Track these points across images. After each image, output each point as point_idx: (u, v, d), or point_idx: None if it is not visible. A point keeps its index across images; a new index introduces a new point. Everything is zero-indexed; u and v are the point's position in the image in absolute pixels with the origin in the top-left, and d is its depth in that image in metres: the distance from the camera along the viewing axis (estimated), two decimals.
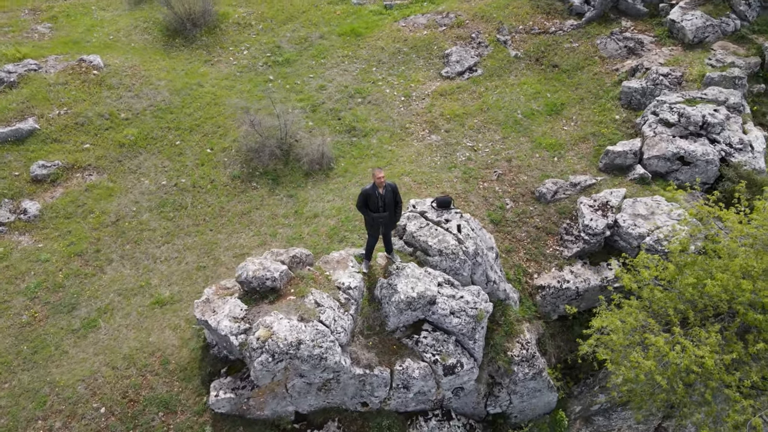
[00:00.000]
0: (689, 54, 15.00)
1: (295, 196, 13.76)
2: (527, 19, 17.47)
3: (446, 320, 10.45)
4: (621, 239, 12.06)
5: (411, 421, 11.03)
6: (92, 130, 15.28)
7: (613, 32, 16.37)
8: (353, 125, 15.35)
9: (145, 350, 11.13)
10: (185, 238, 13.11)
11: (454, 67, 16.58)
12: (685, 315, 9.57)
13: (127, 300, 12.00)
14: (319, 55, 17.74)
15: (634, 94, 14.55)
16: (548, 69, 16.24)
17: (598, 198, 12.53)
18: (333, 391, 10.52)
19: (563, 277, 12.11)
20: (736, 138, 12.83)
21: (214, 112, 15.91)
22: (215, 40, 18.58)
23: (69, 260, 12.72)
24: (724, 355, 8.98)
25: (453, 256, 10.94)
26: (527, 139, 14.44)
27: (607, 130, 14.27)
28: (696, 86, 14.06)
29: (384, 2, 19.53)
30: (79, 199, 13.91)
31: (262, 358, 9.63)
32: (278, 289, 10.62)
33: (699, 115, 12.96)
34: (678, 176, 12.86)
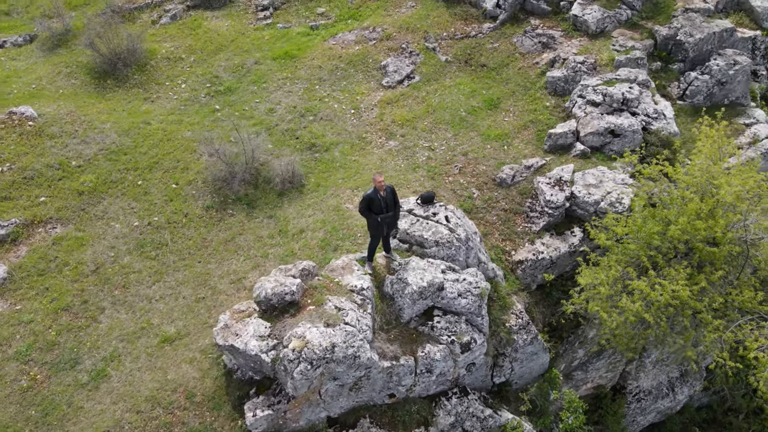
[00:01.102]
0: (596, 43, 17.21)
1: (274, 217, 14.17)
2: (449, 26, 19.02)
3: (455, 302, 11.44)
4: (579, 208, 13.72)
5: (435, 402, 11.88)
6: (44, 183, 14.71)
7: (527, 30, 18.32)
8: (312, 142, 15.98)
9: (166, 388, 11.12)
10: (175, 273, 13.09)
11: (393, 76, 17.72)
12: (655, 260, 11.26)
13: (132, 344, 11.85)
14: (259, 80, 18.16)
15: (558, 82, 16.46)
16: (478, 69, 17.84)
17: (552, 176, 14.15)
18: (363, 388, 11.14)
19: (537, 250, 13.54)
20: (651, 109, 15.01)
21: (169, 147, 15.86)
22: (149, 77, 18.39)
23: (56, 316, 12.29)
24: (693, 287, 10.72)
25: (448, 245, 11.98)
26: (476, 134, 15.86)
27: (542, 116, 16.02)
28: (609, 69, 16.21)
29: (309, 24, 20.29)
30: (48, 253, 13.40)
31: (301, 367, 10.08)
32: (297, 302, 11.09)
33: (619, 93, 15.02)
34: (611, 147, 14.80)
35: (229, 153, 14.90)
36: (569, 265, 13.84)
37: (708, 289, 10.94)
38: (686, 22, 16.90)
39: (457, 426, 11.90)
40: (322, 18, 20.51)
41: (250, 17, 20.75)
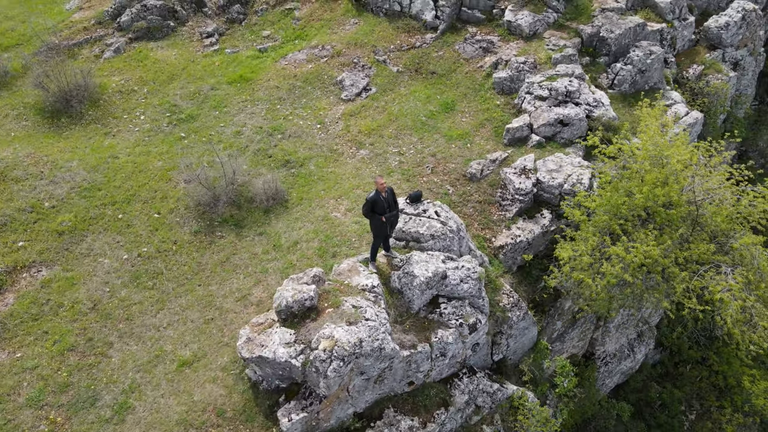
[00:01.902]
0: (531, 44, 18.91)
1: (265, 233, 14.56)
2: (394, 39, 20.15)
3: (458, 288, 12.41)
4: (545, 192, 15.14)
5: (449, 384, 12.76)
6: (19, 227, 14.30)
7: (467, 38, 19.79)
8: (286, 159, 16.51)
9: (195, 409, 11.30)
10: (177, 299, 13.20)
11: (350, 90, 18.57)
12: (624, 227, 12.78)
13: (150, 373, 11.89)
14: (219, 105, 18.43)
15: (504, 82, 17.96)
16: (428, 76, 19.06)
17: (517, 166, 15.51)
18: (385, 380, 11.83)
19: (514, 234, 14.80)
20: (590, 98, 16.79)
21: (143, 178, 15.84)
22: (104, 112, 18.16)
23: (62, 358, 12.09)
24: (660, 246, 12.30)
25: (443, 237, 12.96)
26: (439, 135, 17.00)
27: (495, 114, 17.43)
28: (548, 67, 17.91)
29: (257, 47, 20.76)
30: (38, 297, 13.10)
31: (333, 365, 10.66)
32: (315, 307, 11.64)
33: (562, 86, 16.70)
34: (562, 135, 16.40)
35: (209, 177, 15.14)
36: (543, 245, 15.22)
37: (671, 247, 12.56)
38: (605, 21, 18.99)
39: (470, 403, 12.85)
40: (269, 40, 21.06)
41: (196, 45, 20.92)
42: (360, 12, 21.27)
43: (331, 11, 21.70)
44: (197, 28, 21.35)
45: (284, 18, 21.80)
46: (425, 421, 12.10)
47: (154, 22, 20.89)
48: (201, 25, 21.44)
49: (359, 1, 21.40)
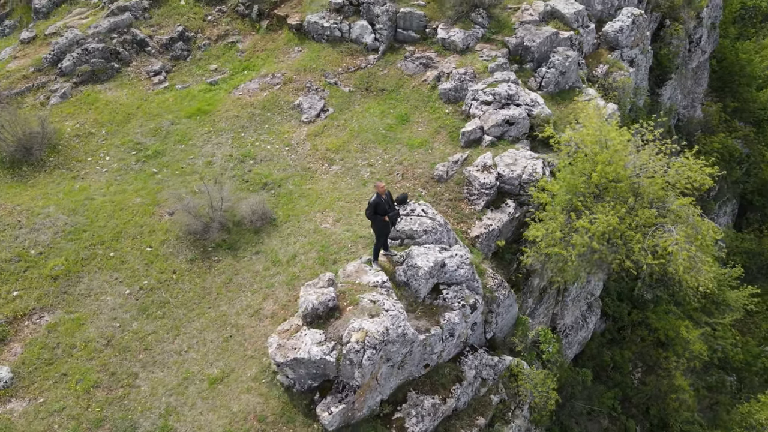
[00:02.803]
0: (467, 57, 20.97)
1: (261, 252, 15.28)
2: (340, 62, 21.51)
3: (456, 274, 13.84)
4: (506, 184, 17.01)
5: (458, 362, 14.09)
6: (10, 278, 14.10)
7: (406, 56, 21.55)
8: (263, 181, 17.29)
9: (237, 419, 11.87)
10: (191, 324, 13.62)
11: (309, 112, 19.67)
12: (585, 203, 14.84)
13: (183, 395, 12.29)
14: (183, 138, 18.85)
15: (449, 92, 19.83)
16: (378, 93, 20.56)
17: (478, 164, 17.30)
18: (406, 365, 12.97)
19: (486, 224, 16.49)
20: (528, 99, 19.01)
21: (125, 216, 16.02)
22: (66, 157, 18.02)
23: (89, 395, 12.20)
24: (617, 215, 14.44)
25: (434, 231, 14.38)
26: (401, 145, 18.49)
27: (447, 121, 19.20)
28: (486, 75, 19.99)
29: (207, 80, 21.34)
30: (48, 342, 13.06)
31: (368, 354, 11.70)
32: (337, 306, 12.62)
33: (503, 91, 18.80)
34: (510, 134, 18.44)
35: (196, 205, 15.64)
36: (510, 231, 17.05)
37: (624, 215, 14.75)
38: (525, 32, 21.47)
39: (477, 377, 14.25)
40: (217, 73, 21.72)
41: (145, 84, 21.15)
42: (302, 40, 22.49)
43: (273, 42, 22.74)
44: (143, 68, 21.59)
45: (228, 51, 22.55)
46: (444, 397, 13.34)
47: (97, 64, 20.92)
48: (146, 64, 21.70)
49: (300, 31, 22.62)
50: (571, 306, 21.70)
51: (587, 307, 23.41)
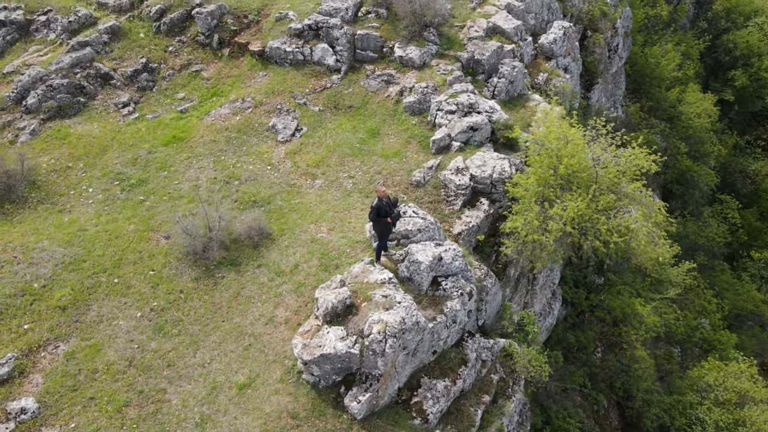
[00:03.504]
0: (425, 72, 22.59)
1: (263, 265, 16.00)
2: (306, 84, 22.56)
3: (452, 266, 15.15)
4: (479, 184, 18.58)
5: (460, 347, 15.32)
6: (18, 312, 14.12)
7: (368, 74, 22.93)
8: (252, 200, 18.01)
9: (271, 419, 12.56)
10: (209, 338, 14.16)
11: (284, 132, 20.57)
12: (555, 193, 16.60)
13: (214, 404, 12.83)
14: (164, 166, 19.25)
15: (414, 105, 21.33)
16: (347, 110, 21.76)
17: (452, 167, 18.80)
18: (418, 352, 14.08)
19: (465, 221, 17.96)
20: (487, 107, 20.80)
21: (122, 243, 16.29)
22: (48, 192, 17.99)
23: (121, 415, 12.52)
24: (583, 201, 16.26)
25: (427, 229, 15.66)
26: (377, 156, 19.73)
27: (416, 131, 20.65)
28: (446, 87, 21.65)
29: (176, 109, 21.78)
30: (68, 370, 13.24)
31: (389, 342, 12.76)
32: (353, 304, 13.58)
33: (465, 101, 20.50)
34: (475, 139, 20.10)
35: (194, 226, 16.17)
36: (487, 226, 18.60)
37: (589, 201, 16.62)
38: (475, 47, 23.40)
39: (478, 359, 15.54)
40: (186, 102, 22.22)
41: (114, 116, 21.33)
42: (266, 65, 23.40)
43: (237, 68, 23.51)
44: (109, 100, 21.76)
45: (194, 80, 23.09)
46: (454, 379, 14.53)
47: (63, 100, 20.94)
48: (112, 96, 21.88)
49: (262, 56, 23.52)
50: (539, 294, 23.51)
51: (551, 294, 25.34)
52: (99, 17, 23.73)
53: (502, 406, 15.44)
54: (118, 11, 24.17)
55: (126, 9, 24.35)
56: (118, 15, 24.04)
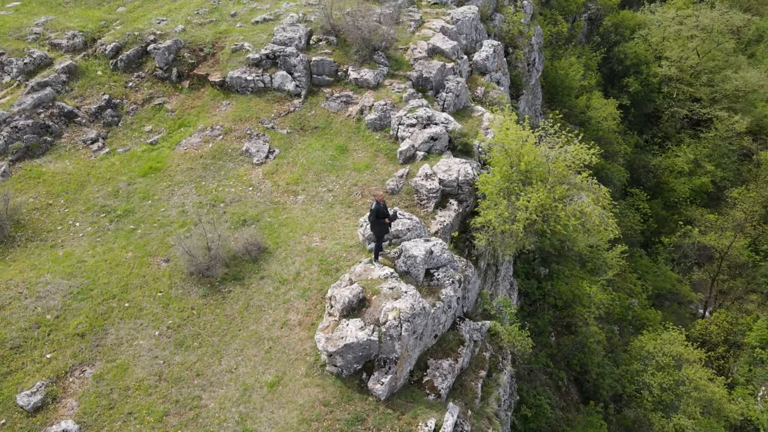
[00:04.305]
0: (381, 91, 24.51)
1: (266, 276, 17.05)
2: (270, 109, 23.80)
3: (441, 258, 16.92)
4: (446, 187, 20.57)
5: (456, 330, 17.04)
6: (37, 344, 14.38)
7: (327, 97, 24.53)
8: (242, 219, 19.01)
9: (306, 409, 13.69)
10: (230, 346, 15.05)
11: (259, 155, 21.69)
12: (518, 187, 18.87)
13: (249, 402, 13.78)
14: (147, 195, 19.81)
15: (375, 122, 23.15)
16: (313, 131, 23.20)
17: (421, 174, 20.70)
18: (423, 336, 15.67)
19: (440, 221, 19.84)
20: (442, 118, 22.97)
21: (124, 270, 16.81)
22: (35, 229, 18.08)
23: (163, 424, 13.24)
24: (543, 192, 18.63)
25: (415, 228, 17.39)
26: (350, 170, 21.30)
27: (381, 145, 22.45)
28: (403, 104, 23.65)
29: (146, 141, 22.31)
30: (100, 391, 13.73)
31: (404, 326, 14.30)
32: (365, 298, 14.99)
33: (423, 114, 22.58)
34: (436, 147, 22.17)
35: (195, 246, 16.99)
36: (458, 223, 20.60)
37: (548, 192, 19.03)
38: (421, 66, 25.65)
39: (471, 339, 17.33)
40: (154, 134, 22.82)
41: (84, 152, 21.59)
42: (227, 95, 24.45)
43: (199, 99, 24.39)
44: (76, 137, 21.98)
45: (158, 112, 23.72)
46: (455, 358, 16.22)
47: (30, 140, 21.00)
48: (78, 134, 22.12)
49: (223, 86, 24.57)
50: (501, 285, 25.78)
51: (510, 285, 27.73)
52: (54, 57, 23.90)
53: (496, 378, 17.30)
54: (72, 51, 24.44)
55: (80, 48, 24.65)
56: (72, 54, 24.31)
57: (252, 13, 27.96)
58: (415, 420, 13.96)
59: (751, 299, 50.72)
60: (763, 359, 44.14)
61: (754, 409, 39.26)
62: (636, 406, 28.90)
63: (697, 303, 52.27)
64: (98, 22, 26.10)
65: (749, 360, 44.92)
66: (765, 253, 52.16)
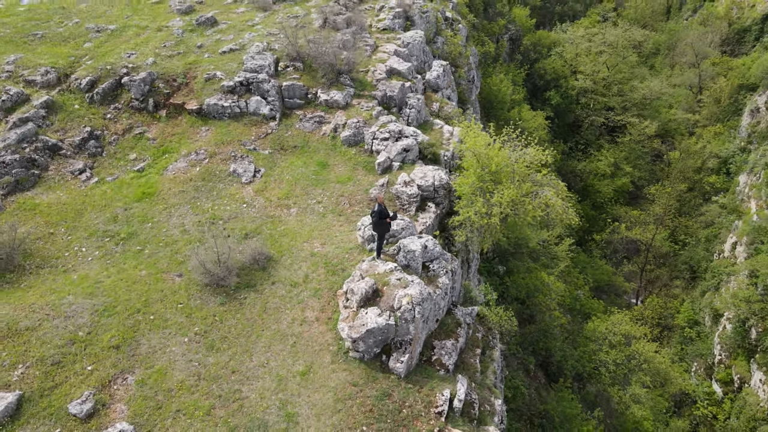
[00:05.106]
0: (351, 110, 26.51)
1: (277, 281, 18.46)
2: (249, 132, 25.19)
3: (434, 251, 18.98)
4: (424, 191, 22.78)
5: (452, 315, 19.06)
6: (76, 358, 15.16)
7: (301, 118, 26.26)
8: (243, 233, 20.32)
9: (339, 390, 15.24)
10: (257, 344, 16.35)
11: (246, 175, 23.05)
12: (491, 187, 21.33)
13: (287, 390, 15.16)
14: (146, 218, 20.72)
15: (350, 138, 25.11)
16: (293, 150, 24.82)
17: (400, 181, 22.80)
18: (429, 320, 17.60)
19: (422, 222, 21.98)
20: (411, 131, 25.27)
21: (142, 287, 17.74)
22: (43, 257, 18.58)
23: (211, 417, 14.44)
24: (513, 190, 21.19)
25: (408, 228, 19.39)
26: (333, 183, 23.08)
27: (358, 159, 24.40)
28: (373, 121, 25.76)
29: (133, 169, 23.15)
30: (146, 394, 14.71)
31: (417, 309, 16.20)
32: (377, 289, 16.77)
33: (395, 128, 24.78)
34: (408, 158, 24.38)
35: (207, 260, 18.19)
36: (437, 223, 22.80)
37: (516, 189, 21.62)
38: (384, 86, 27.94)
39: (465, 322, 19.41)
40: (139, 161, 23.68)
41: (73, 182, 22.17)
42: (205, 121, 25.69)
43: (177, 126, 25.47)
44: (63, 169, 22.53)
45: (139, 141, 24.59)
46: (456, 338, 18.25)
47: (19, 174, 21.42)
48: (65, 165, 22.67)
49: (200, 114, 25.78)
50: (472, 280, 28.14)
51: (478, 281, 30.17)
52: (30, 94, 24.33)
53: (490, 354, 19.45)
54: (47, 87, 24.94)
55: (54, 84, 25.20)
56: (48, 90, 24.83)
57: (217, 44, 29.39)
58: (432, 391, 15.80)
59: (676, 285, 55.96)
60: (692, 337, 49.01)
61: (690, 384, 43.66)
62: (596, 382, 31.92)
63: (630, 293, 57.12)
64: (68, 57, 26.70)
65: (680, 340, 49.73)
66: (683, 242, 57.78)
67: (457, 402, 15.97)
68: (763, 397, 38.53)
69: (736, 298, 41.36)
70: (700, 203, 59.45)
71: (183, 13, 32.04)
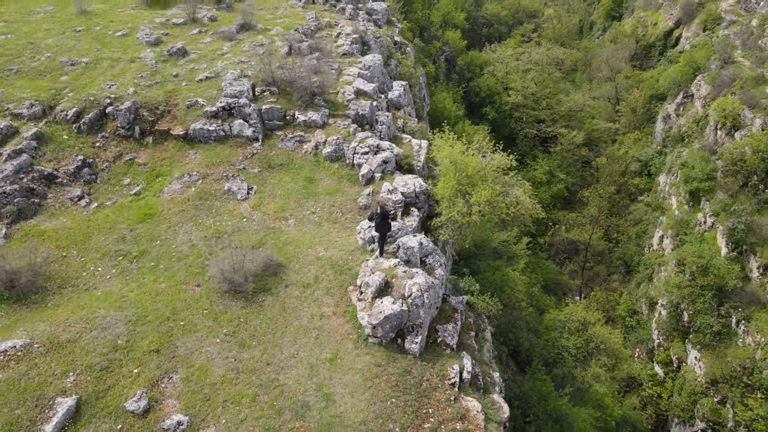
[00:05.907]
0: (329, 129, 28.57)
1: (290, 284, 20.14)
2: (236, 153, 26.72)
3: (428, 247, 21.28)
4: (407, 197, 25.14)
5: (447, 302, 21.35)
6: (122, 363, 16.27)
7: (282, 138, 28.06)
8: (249, 244, 21.86)
9: (365, 370, 17.13)
10: (283, 339, 17.98)
11: (241, 192, 24.59)
12: (468, 189, 23.98)
13: (319, 375, 16.91)
14: (154, 237, 21.87)
15: (332, 154, 27.16)
16: (279, 168, 26.56)
17: (385, 189, 25.07)
18: (431, 307, 19.81)
19: (409, 225, 24.28)
20: (386, 145, 27.65)
21: (166, 298, 18.96)
22: (62, 279, 19.40)
23: (256, 402, 15.92)
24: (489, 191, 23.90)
25: (402, 228, 21.61)
26: (323, 195, 25.03)
27: (342, 173, 26.46)
28: (352, 137, 27.90)
29: (129, 193, 24.15)
30: (193, 389, 16.06)
31: (425, 295, 18.41)
32: (387, 282, 18.84)
33: (374, 143, 27.08)
34: (388, 169, 26.72)
35: (225, 270, 19.67)
36: (420, 227, 25.16)
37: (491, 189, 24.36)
38: (356, 106, 30.23)
39: (459, 309, 21.75)
40: (134, 186, 24.71)
41: (73, 209, 22.95)
42: (192, 145, 27.02)
43: (165, 151, 26.66)
44: (62, 197, 23.27)
45: (131, 167, 25.61)
46: (455, 322, 20.54)
47: (21, 203, 22.05)
48: (63, 193, 23.41)
49: (186, 138, 27.10)
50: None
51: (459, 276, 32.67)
52: (18, 126, 24.92)
53: (483, 336, 21.86)
54: (34, 119, 25.59)
55: (40, 116, 25.87)
56: (35, 122, 25.48)
57: (192, 73, 30.83)
58: (443, 367, 17.97)
59: (614, 279, 60.77)
60: (632, 326, 53.57)
61: (635, 368, 47.84)
62: (561, 366, 34.99)
63: (574, 290, 61.57)
64: (48, 90, 27.38)
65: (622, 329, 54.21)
66: (616, 240, 62.94)
67: (466, 374, 18.23)
68: (700, 373, 43.01)
69: (668, 285, 45.94)
70: (627, 203, 65.03)
71: (152, 44, 33.23)
